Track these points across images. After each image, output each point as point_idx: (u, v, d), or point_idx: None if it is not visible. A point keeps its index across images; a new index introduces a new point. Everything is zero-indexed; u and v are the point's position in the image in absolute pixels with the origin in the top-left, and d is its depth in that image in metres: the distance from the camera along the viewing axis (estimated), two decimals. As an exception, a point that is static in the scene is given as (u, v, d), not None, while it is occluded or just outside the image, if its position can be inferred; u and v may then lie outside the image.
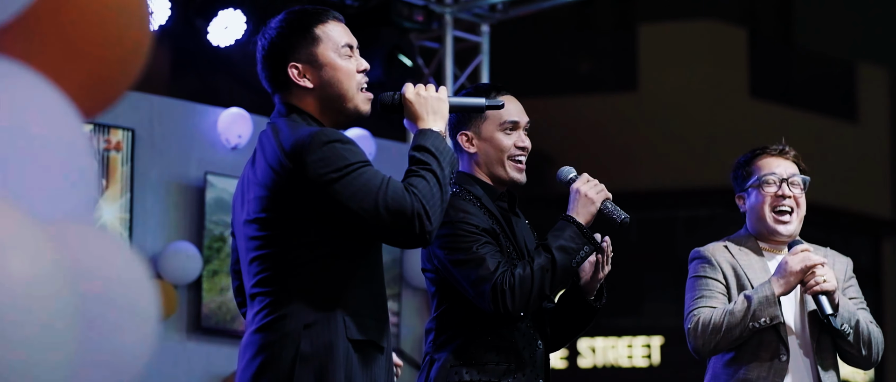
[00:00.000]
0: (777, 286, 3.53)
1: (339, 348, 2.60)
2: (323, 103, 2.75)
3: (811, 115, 14.47)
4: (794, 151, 3.73)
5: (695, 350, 3.62)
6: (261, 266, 2.66)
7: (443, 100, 2.82)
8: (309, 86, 2.75)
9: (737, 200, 3.75)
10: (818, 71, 15.42)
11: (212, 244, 7.12)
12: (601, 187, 3.18)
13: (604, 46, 14.99)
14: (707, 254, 3.68)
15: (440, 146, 2.72)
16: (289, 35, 2.76)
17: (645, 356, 14.10)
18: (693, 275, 3.69)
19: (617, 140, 13.53)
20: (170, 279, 6.86)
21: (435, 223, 2.63)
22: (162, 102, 7.14)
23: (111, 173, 6.83)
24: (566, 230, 3.10)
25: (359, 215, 2.59)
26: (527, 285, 3.03)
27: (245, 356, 2.67)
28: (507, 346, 3.11)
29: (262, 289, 2.66)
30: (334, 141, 2.62)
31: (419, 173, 2.66)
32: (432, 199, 2.63)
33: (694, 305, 3.64)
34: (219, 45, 7.09)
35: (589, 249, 3.10)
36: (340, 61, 2.75)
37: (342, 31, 2.79)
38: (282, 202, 2.64)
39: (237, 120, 7.20)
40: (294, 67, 2.75)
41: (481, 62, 7.96)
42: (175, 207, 7.11)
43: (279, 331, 2.61)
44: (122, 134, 6.86)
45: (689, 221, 14.12)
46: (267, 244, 2.65)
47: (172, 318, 6.93)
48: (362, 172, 2.61)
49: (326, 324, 2.60)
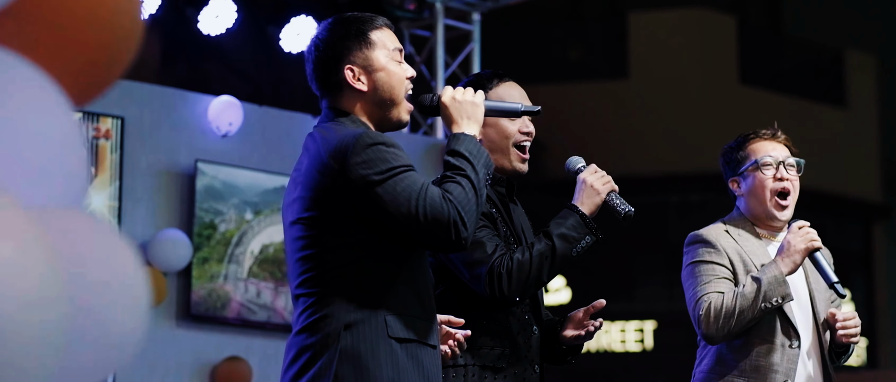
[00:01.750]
0: (784, 265, 3.49)
1: (381, 347, 2.62)
2: (372, 107, 2.79)
3: (800, 101, 14.50)
4: (784, 134, 3.72)
5: (707, 336, 3.52)
6: (304, 267, 2.69)
7: (478, 105, 2.85)
8: (363, 89, 2.79)
9: (730, 184, 3.70)
10: (807, 58, 15.44)
11: (202, 232, 7.12)
12: (608, 178, 3.18)
13: (594, 34, 14.99)
14: (710, 238, 3.60)
15: (474, 150, 2.75)
16: (345, 37, 2.80)
17: (638, 340, 14.14)
18: (696, 260, 3.59)
19: (608, 127, 13.55)
20: (159, 266, 6.86)
21: (470, 230, 2.66)
22: (152, 90, 7.13)
23: (100, 161, 6.81)
24: (569, 219, 3.10)
25: (397, 219, 2.62)
26: (524, 270, 3.03)
27: (287, 356, 2.71)
28: (502, 331, 3.11)
29: (305, 290, 2.69)
30: (379, 143, 2.66)
31: (455, 179, 2.70)
32: (468, 205, 2.66)
33: (702, 290, 3.54)
34: (209, 33, 7.07)
35: (591, 239, 3.10)
36: (393, 66, 2.80)
37: (393, 37, 2.85)
38: (325, 203, 2.67)
39: (228, 108, 7.19)
40: (350, 69, 2.78)
41: (473, 50, 7.96)
42: (165, 194, 7.10)
43: (321, 331, 2.64)
44: (111, 122, 6.85)
45: (681, 206, 14.15)
46: (310, 244, 2.68)
47: (162, 305, 6.93)
48: (404, 176, 2.64)
49: (367, 324, 2.62)
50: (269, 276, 7.33)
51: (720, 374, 3.55)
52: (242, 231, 7.28)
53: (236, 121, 7.20)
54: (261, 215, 7.34)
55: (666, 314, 13.77)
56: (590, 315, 3.23)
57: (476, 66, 7.89)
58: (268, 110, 7.49)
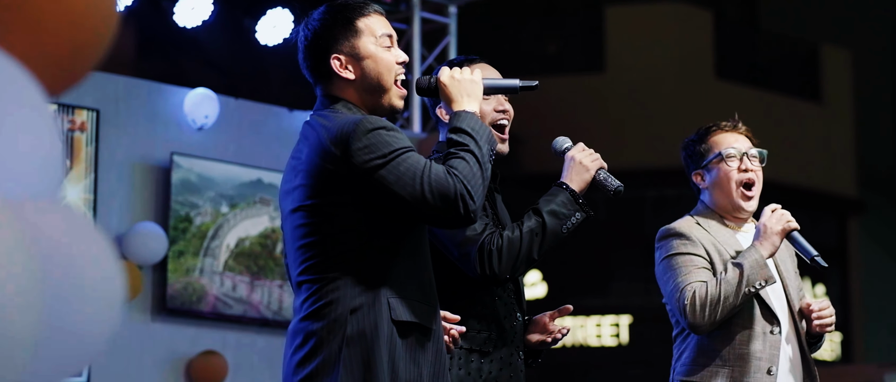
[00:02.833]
0: (763, 248, 3.49)
1: (383, 329, 2.63)
2: (362, 94, 2.81)
3: (776, 95, 14.57)
4: (744, 125, 3.71)
5: (694, 326, 3.49)
6: (307, 254, 2.70)
7: (477, 82, 2.87)
8: (351, 77, 2.80)
9: (694, 177, 3.69)
10: (783, 52, 15.51)
11: (177, 225, 7.09)
12: (596, 155, 3.19)
13: (571, 28, 15.01)
14: (683, 231, 3.59)
15: (476, 126, 2.77)
16: (332, 26, 2.81)
17: (613, 334, 14.18)
18: (673, 253, 3.56)
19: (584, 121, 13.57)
20: (135, 259, 6.83)
21: (478, 202, 2.68)
22: (128, 83, 7.09)
23: (75, 153, 6.78)
24: (559, 196, 3.10)
25: (404, 199, 2.64)
26: (515, 247, 3.02)
27: (293, 342, 2.70)
28: (488, 315, 3.10)
29: (308, 277, 2.69)
30: (379, 128, 2.67)
31: (459, 155, 2.71)
32: (473, 179, 2.68)
33: (684, 281, 3.51)
34: (185, 25, 7.04)
35: (581, 216, 3.10)
36: (381, 53, 2.81)
37: (383, 23, 2.85)
38: (327, 190, 2.68)
39: (204, 100, 7.16)
40: (336, 58, 2.80)
41: (449, 43, 7.96)
42: (140, 187, 7.07)
43: (327, 318, 2.65)
44: (86, 114, 6.81)
45: (657, 200, 14.19)
46: (312, 231, 2.69)
47: (137, 299, 6.89)
48: (406, 157, 2.66)
49: (371, 307, 2.64)
50: (244, 270, 7.31)
51: (703, 365, 3.53)
52: (218, 225, 7.26)
53: (212, 114, 7.17)
54: (237, 208, 7.32)
55: (642, 309, 13.82)
56: (556, 319, 3.23)
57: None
58: (244, 103, 7.47)
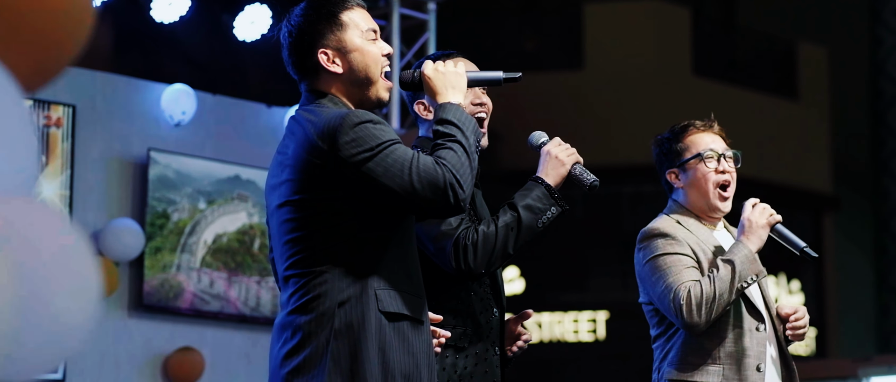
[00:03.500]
0: (751, 243, 3.50)
1: (371, 320, 2.65)
2: (349, 88, 2.82)
3: (753, 93, 14.63)
4: (718, 125, 3.69)
5: (691, 325, 3.44)
6: (294, 248, 2.70)
7: (461, 74, 2.88)
8: (338, 71, 2.81)
9: (668, 175, 3.66)
10: (760, 50, 15.58)
11: (154, 221, 7.06)
12: (572, 150, 3.20)
13: (550, 25, 15.03)
14: (668, 231, 3.56)
15: (462, 117, 2.79)
16: (316, 21, 2.82)
17: (590, 330, 14.21)
18: (660, 253, 3.52)
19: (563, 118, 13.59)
20: (111, 256, 6.80)
21: (467, 191, 2.69)
22: (104, 78, 7.06)
23: (51, 149, 6.74)
24: (534, 190, 3.11)
25: (393, 190, 2.65)
26: (490, 242, 3.02)
27: (281, 336, 2.71)
28: (464, 310, 3.10)
29: (296, 271, 2.70)
30: (366, 122, 2.68)
31: (446, 146, 2.73)
32: (462, 168, 2.69)
33: (676, 281, 3.46)
34: (162, 21, 7.01)
35: (556, 210, 3.10)
36: (368, 46, 2.83)
37: (366, 17, 2.87)
38: (314, 184, 2.69)
39: (181, 96, 7.13)
40: (324, 53, 2.81)
41: (428, 40, 7.96)
42: (117, 183, 7.04)
43: (315, 311, 2.66)
44: (62, 110, 6.78)
45: (634, 197, 14.23)
46: (300, 226, 2.70)
47: (114, 296, 6.87)
48: (394, 149, 2.67)
49: (359, 299, 2.65)
50: (222, 266, 7.29)
51: (695, 363, 3.50)
52: (195, 221, 7.24)
53: (190, 110, 7.15)
54: (214, 204, 7.29)
55: (618, 305, 13.86)
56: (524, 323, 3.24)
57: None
58: (221, 99, 7.44)
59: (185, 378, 7.02)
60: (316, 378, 2.62)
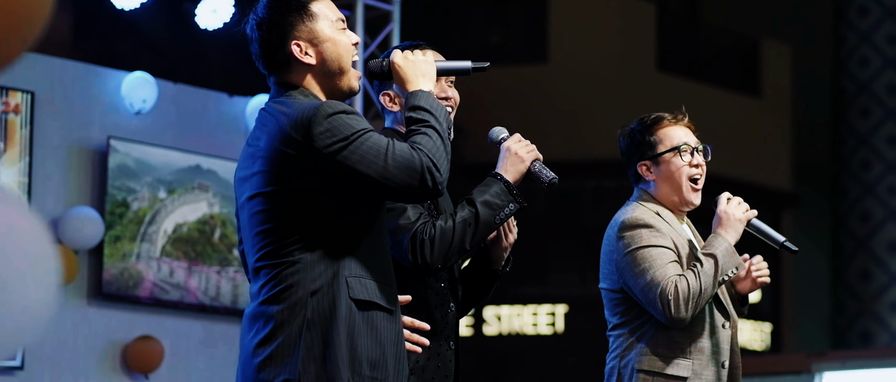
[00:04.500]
0: (730, 236, 3.51)
1: (342, 308, 2.65)
2: (322, 78, 2.81)
3: (716, 89, 14.72)
4: (687, 119, 3.68)
5: (677, 320, 3.41)
6: (266, 239, 2.70)
7: (430, 63, 2.89)
8: (311, 62, 2.80)
9: (639, 168, 3.62)
10: (723, 46, 15.67)
11: (114, 210, 7.01)
12: (532, 147, 3.21)
13: (514, 18, 15.05)
14: (651, 221, 3.51)
15: (433, 104, 2.80)
16: (286, 13, 2.80)
17: (549, 323, 14.27)
18: (644, 244, 3.47)
19: (526, 111, 13.62)
20: (70, 244, 6.74)
21: (444, 175, 2.71)
22: (64, 65, 6.99)
23: (9, 136, 6.67)
24: (493, 186, 3.11)
25: (370, 176, 2.65)
26: (447, 237, 3.02)
27: (253, 326, 2.70)
28: (419, 305, 3.10)
29: (267, 262, 2.70)
30: (339, 112, 2.68)
31: (420, 131, 2.74)
32: (437, 152, 2.71)
33: (661, 274, 3.42)
34: (123, 8, 6.96)
35: (514, 206, 3.11)
36: (339, 36, 2.82)
37: (333, 7, 2.87)
38: (287, 175, 2.68)
39: (141, 84, 7.08)
40: (296, 44, 2.79)
41: (392, 31, 7.94)
42: (76, 171, 6.98)
43: (286, 301, 2.66)
44: (21, 96, 6.71)
45: (596, 191, 14.29)
46: (271, 217, 2.69)
47: (73, 284, 6.81)
48: (368, 136, 2.68)
49: (330, 287, 2.66)
50: (182, 255, 7.25)
51: (666, 356, 3.48)
52: (156, 210, 7.19)
53: (150, 98, 7.09)
54: (174, 194, 7.25)
55: (577, 298, 13.92)
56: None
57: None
58: (182, 88, 7.39)
59: (144, 367, 6.98)
60: (289, 367, 2.63)
